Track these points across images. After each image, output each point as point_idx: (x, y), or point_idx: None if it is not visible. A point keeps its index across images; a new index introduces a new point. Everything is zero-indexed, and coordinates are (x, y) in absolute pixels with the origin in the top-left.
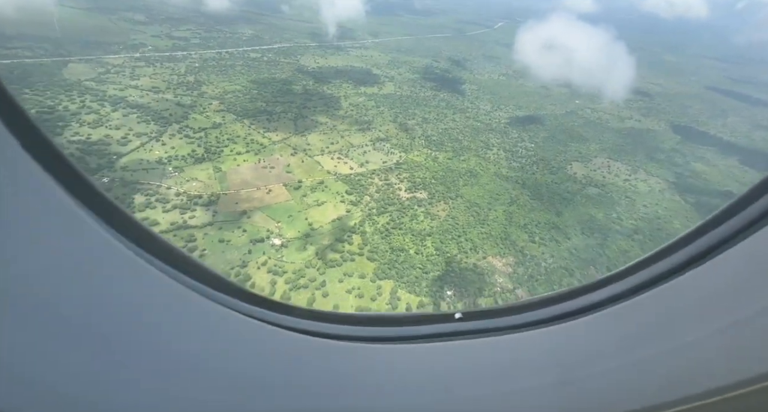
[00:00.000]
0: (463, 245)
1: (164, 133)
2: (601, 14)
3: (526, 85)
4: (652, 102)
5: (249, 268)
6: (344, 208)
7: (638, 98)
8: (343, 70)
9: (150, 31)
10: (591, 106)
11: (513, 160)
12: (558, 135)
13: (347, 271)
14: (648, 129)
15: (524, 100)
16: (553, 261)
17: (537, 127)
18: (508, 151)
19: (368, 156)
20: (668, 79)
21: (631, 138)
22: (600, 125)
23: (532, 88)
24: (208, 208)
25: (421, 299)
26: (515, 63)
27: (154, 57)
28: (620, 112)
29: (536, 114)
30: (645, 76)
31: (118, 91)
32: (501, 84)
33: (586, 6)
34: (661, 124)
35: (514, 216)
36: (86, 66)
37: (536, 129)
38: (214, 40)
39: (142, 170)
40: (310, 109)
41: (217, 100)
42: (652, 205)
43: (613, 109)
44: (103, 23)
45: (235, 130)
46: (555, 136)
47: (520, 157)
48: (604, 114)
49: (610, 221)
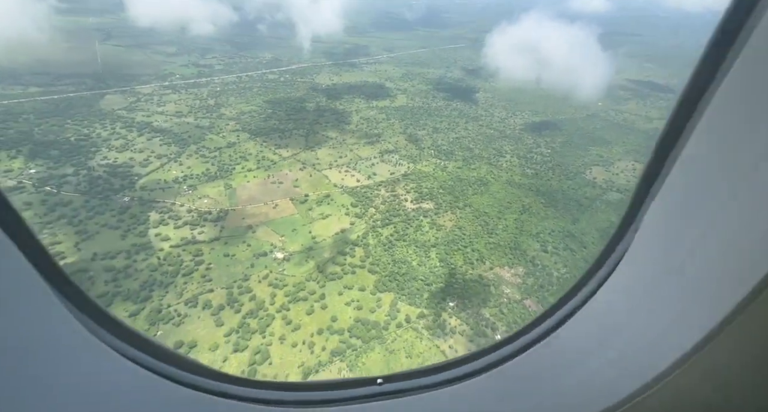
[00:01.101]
0: (469, 255)
1: (182, 153)
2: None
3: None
4: None
5: (251, 281)
6: (348, 220)
7: (666, 96)
8: (356, 86)
9: (179, 61)
10: (615, 108)
11: (527, 166)
12: (577, 139)
13: (347, 283)
14: None
15: (542, 106)
16: (566, 271)
17: (554, 133)
18: (522, 158)
19: (376, 168)
20: None
21: None
22: (625, 127)
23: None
24: (216, 223)
25: (421, 311)
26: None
27: (180, 85)
28: (648, 113)
29: (554, 119)
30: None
31: (145, 117)
32: (518, 90)
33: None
34: None
35: (526, 225)
36: (120, 96)
37: (553, 134)
38: (236, 66)
39: (159, 189)
40: (321, 124)
41: (234, 121)
42: None
43: (639, 110)
44: (138, 57)
45: (247, 148)
46: (573, 140)
47: (534, 163)
48: (630, 115)
49: None
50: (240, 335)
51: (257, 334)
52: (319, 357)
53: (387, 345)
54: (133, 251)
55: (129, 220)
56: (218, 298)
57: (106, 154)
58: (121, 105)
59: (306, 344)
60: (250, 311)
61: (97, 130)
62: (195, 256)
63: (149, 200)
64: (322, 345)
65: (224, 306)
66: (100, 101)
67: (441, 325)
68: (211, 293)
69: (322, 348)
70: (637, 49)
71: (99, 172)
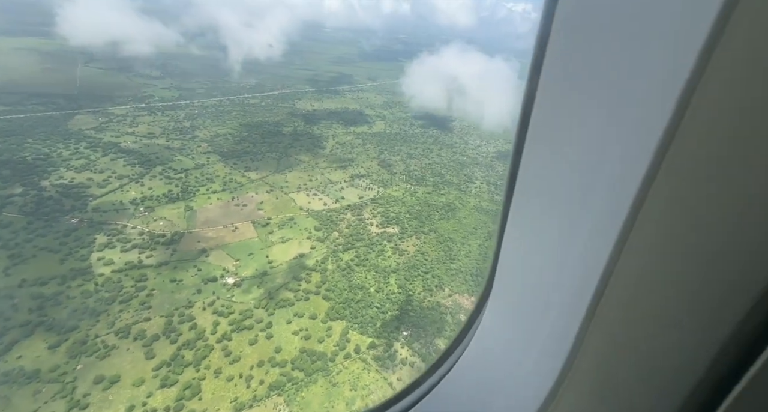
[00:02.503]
0: (429, 281)
1: (146, 174)
2: None
3: None
4: None
5: (194, 308)
6: (309, 245)
7: None
8: (336, 112)
9: (161, 85)
10: None
11: (496, 192)
12: None
13: (299, 311)
14: None
15: None
16: None
17: None
18: (492, 185)
19: (345, 192)
20: None
21: None
22: None
23: None
24: (168, 246)
25: (373, 340)
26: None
27: (157, 107)
28: None
29: None
30: None
31: (113, 137)
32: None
33: None
34: None
35: (490, 251)
36: (91, 117)
37: None
38: (218, 90)
39: (113, 211)
40: (296, 148)
41: (206, 143)
42: None
43: None
44: (119, 80)
45: (216, 170)
46: None
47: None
48: None
49: None
50: (171, 368)
51: (191, 367)
52: (255, 391)
53: (331, 378)
54: (69, 276)
55: (72, 243)
56: (154, 327)
57: (63, 174)
58: (91, 125)
59: (243, 378)
60: (187, 341)
61: (59, 149)
62: (137, 281)
63: (99, 222)
64: (260, 378)
65: (159, 336)
66: (69, 121)
67: (391, 356)
68: (147, 322)
69: (260, 382)
70: None
71: (50, 193)
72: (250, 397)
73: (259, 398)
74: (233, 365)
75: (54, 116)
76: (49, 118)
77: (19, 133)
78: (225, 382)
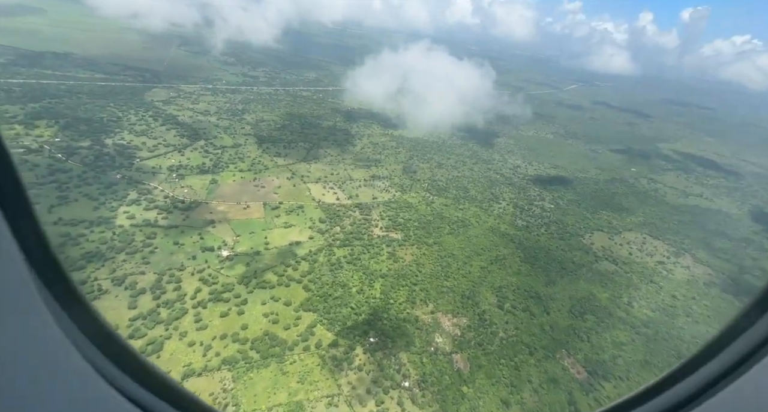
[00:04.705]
0: (415, 294)
1: (189, 146)
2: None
3: (575, 145)
4: (737, 181)
5: (184, 272)
6: (309, 234)
7: (719, 175)
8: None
9: (231, 70)
10: (649, 176)
11: (520, 217)
12: (588, 200)
13: (276, 294)
14: (719, 210)
15: (565, 161)
16: (515, 334)
17: (565, 188)
18: (519, 208)
19: (361, 190)
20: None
21: (690, 217)
22: (653, 198)
23: (581, 149)
24: (183, 212)
25: (337, 339)
26: (573, 123)
27: (221, 89)
28: (689, 188)
29: (572, 175)
30: (737, 151)
31: (175, 110)
32: (546, 142)
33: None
34: (739, 208)
35: (491, 275)
36: (165, 91)
37: (564, 190)
38: (278, 80)
39: (151, 173)
40: (328, 142)
41: (250, 126)
42: (685, 297)
43: (677, 183)
44: (200, 63)
45: (249, 151)
46: (584, 200)
47: (529, 215)
48: (666, 186)
49: (615, 305)
50: (145, 322)
51: (162, 325)
52: (209, 361)
53: (284, 366)
54: (96, 222)
55: (109, 194)
56: (145, 282)
57: (125, 136)
58: (161, 98)
59: (203, 346)
60: (168, 300)
61: (129, 115)
62: (147, 238)
63: (137, 181)
64: (218, 350)
65: (146, 290)
66: (146, 93)
67: (349, 359)
68: (141, 276)
69: (217, 353)
70: (701, 122)
71: (109, 150)
72: (202, 366)
73: (210, 369)
74: (199, 332)
75: (137, 87)
76: (133, 88)
77: (105, 97)
78: (186, 346)
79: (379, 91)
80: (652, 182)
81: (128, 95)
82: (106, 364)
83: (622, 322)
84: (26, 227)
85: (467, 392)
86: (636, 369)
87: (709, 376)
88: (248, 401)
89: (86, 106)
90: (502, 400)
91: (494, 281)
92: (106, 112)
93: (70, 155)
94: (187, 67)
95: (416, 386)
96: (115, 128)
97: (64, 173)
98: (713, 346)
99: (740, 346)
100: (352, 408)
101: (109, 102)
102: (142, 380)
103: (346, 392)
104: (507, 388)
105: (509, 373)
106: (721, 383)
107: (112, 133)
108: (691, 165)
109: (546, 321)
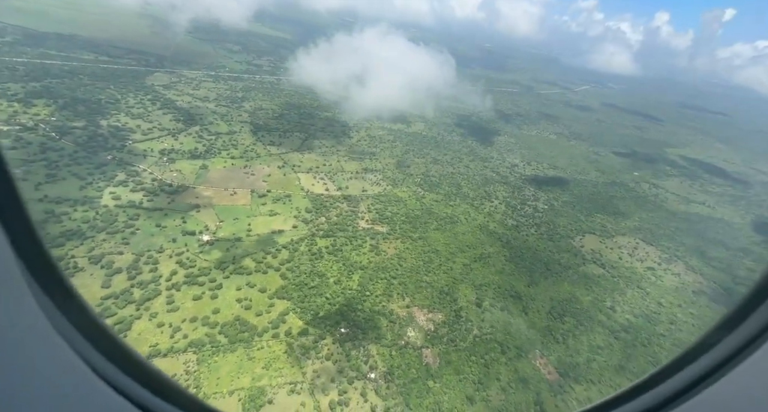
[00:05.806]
0: (393, 287)
1: (184, 131)
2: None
3: (578, 147)
4: (744, 190)
5: (162, 254)
6: (292, 223)
7: (726, 182)
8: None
9: (236, 58)
10: (652, 181)
11: (511, 216)
12: (584, 202)
13: (252, 281)
14: (720, 219)
15: (565, 162)
16: (489, 332)
17: (561, 189)
18: (511, 207)
19: (352, 182)
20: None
21: (688, 224)
22: (652, 203)
23: (583, 151)
24: (169, 195)
25: (306, 328)
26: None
27: (223, 76)
28: (692, 194)
29: (570, 177)
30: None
31: (174, 95)
32: (547, 142)
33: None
34: (742, 217)
35: (473, 273)
36: (166, 76)
37: (559, 191)
38: (282, 70)
39: (142, 156)
40: (325, 133)
41: (247, 114)
42: (671, 305)
43: (680, 189)
44: (205, 49)
45: (243, 139)
46: (580, 202)
47: (521, 215)
48: (667, 192)
49: (596, 309)
50: (117, 301)
51: (133, 305)
52: (175, 343)
53: (250, 351)
54: (80, 201)
55: (97, 175)
56: (122, 262)
57: (121, 118)
58: (162, 82)
59: (171, 328)
60: (142, 281)
61: (127, 97)
62: (130, 219)
63: (127, 163)
64: (186, 333)
65: (122, 270)
66: (148, 77)
67: (317, 348)
68: (119, 256)
69: (185, 336)
70: (713, 127)
71: (103, 131)
72: (168, 347)
73: (176, 351)
74: (170, 314)
75: (139, 71)
76: (134, 72)
77: (106, 79)
78: (155, 326)
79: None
80: (654, 187)
81: (129, 78)
82: (93, 354)
83: (602, 326)
84: (14, 218)
85: (433, 387)
86: (609, 374)
87: (690, 377)
88: (210, 384)
89: (86, 88)
90: (467, 396)
91: (475, 279)
92: (105, 94)
93: (63, 135)
94: (192, 54)
95: (382, 378)
96: (112, 110)
97: (55, 152)
98: (696, 348)
99: (722, 348)
100: (314, 396)
101: (110, 84)
102: (129, 371)
103: (310, 380)
104: (474, 385)
105: (478, 370)
106: (701, 385)
107: (109, 115)
108: (698, 171)
109: (523, 321)
